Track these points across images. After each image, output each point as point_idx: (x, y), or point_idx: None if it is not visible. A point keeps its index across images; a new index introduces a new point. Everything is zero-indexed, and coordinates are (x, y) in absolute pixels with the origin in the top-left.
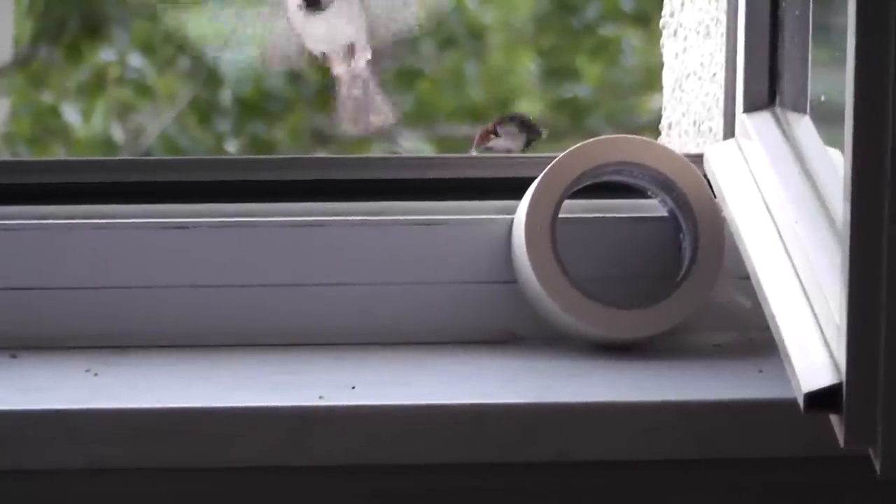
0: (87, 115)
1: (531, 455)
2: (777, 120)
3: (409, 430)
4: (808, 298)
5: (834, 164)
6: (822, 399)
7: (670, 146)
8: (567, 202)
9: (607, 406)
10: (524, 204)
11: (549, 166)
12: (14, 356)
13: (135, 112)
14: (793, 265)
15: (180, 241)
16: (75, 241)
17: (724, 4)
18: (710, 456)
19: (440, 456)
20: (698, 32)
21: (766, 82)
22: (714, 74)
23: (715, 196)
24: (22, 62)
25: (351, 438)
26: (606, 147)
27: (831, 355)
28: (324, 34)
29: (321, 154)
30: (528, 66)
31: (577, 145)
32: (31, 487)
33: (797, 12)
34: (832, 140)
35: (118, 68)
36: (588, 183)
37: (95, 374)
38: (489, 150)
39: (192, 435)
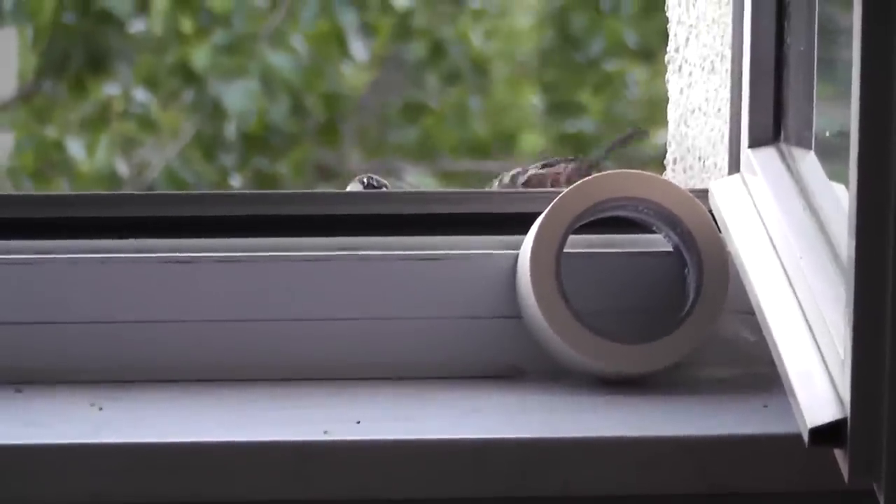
0: (90, 149)
1: (535, 490)
2: (782, 155)
3: (413, 465)
4: (812, 333)
5: (838, 200)
6: (827, 434)
7: (675, 181)
8: (572, 237)
9: (611, 441)
10: (529, 239)
11: (554, 201)
12: (19, 390)
13: (139, 146)
14: (797, 300)
15: (184, 275)
16: (79, 275)
17: (728, 40)
18: (714, 491)
19: (444, 491)
20: (703, 68)
21: (771, 117)
22: (719, 110)
23: (720, 231)
24: (26, 96)
25: (356, 473)
26: (611, 182)
27: (836, 390)
28: None
29: (325, 189)
30: (532, 100)
31: (582, 180)
32: None
33: (802, 48)
34: (837, 175)
35: (122, 102)
36: (593, 218)
37: (100, 409)
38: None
39: (197, 469)
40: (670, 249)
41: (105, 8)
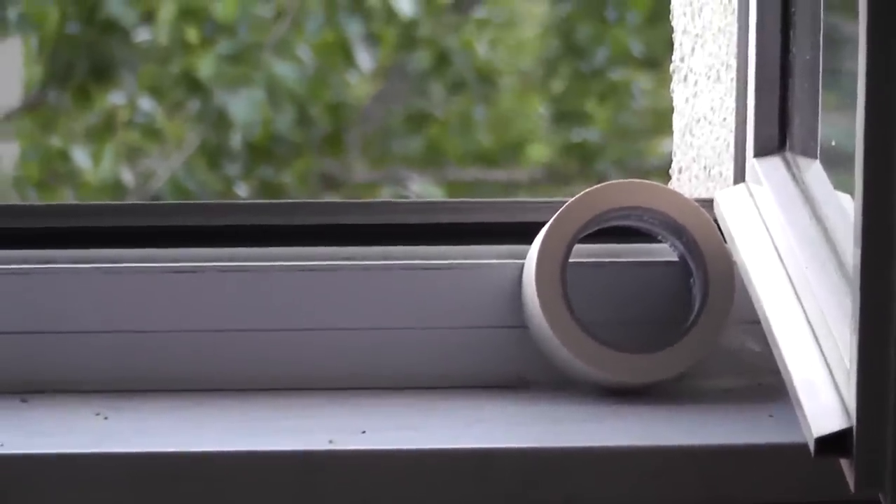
0: (95, 158)
1: (540, 500)
2: (787, 164)
3: (418, 475)
4: (818, 343)
5: (844, 209)
6: (833, 443)
7: (680, 191)
8: (577, 247)
9: (616, 451)
10: (534, 248)
11: (559, 211)
12: (24, 400)
13: (144, 155)
14: (803, 310)
15: (189, 285)
16: (84, 285)
17: (734, 49)
18: (719, 501)
19: (449, 500)
20: (708, 77)
21: (777, 127)
22: (724, 119)
23: (725, 241)
24: (31, 106)
25: (360, 483)
26: (616, 191)
27: (841, 400)
28: None
29: (330, 198)
30: (538, 110)
31: (587, 190)
32: None
33: (807, 57)
34: (842, 184)
35: (127, 112)
36: (598, 227)
37: (105, 418)
38: None
39: (202, 479)
40: (675, 259)
41: (110, 17)
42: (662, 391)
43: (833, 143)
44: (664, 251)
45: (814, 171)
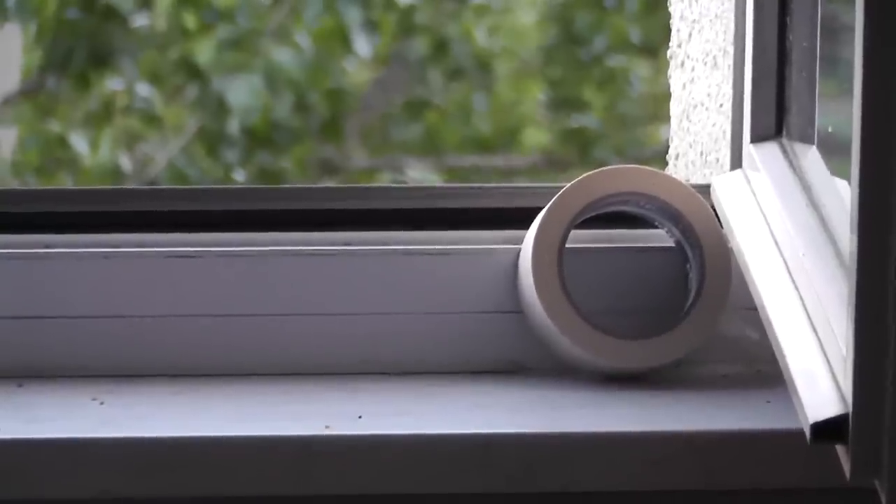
0: (94, 144)
1: (538, 486)
2: (784, 151)
3: (415, 461)
4: (814, 330)
5: (841, 196)
6: (829, 430)
7: (677, 177)
8: (574, 232)
9: (614, 437)
10: (531, 234)
11: (556, 196)
12: (20, 385)
13: (142, 141)
14: (800, 296)
15: (187, 270)
16: (82, 270)
17: (731, 35)
18: (716, 487)
19: (446, 486)
20: (705, 63)
21: (774, 113)
22: (721, 105)
23: (722, 227)
24: (30, 92)
25: (357, 468)
26: (613, 177)
27: (838, 386)
28: None
29: (328, 184)
30: (536, 96)
31: (584, 175)
32: None
33: (805, 44)
34: (839, 171)
35: (126, 97)
36: (595, 213)
37: (101, 403)
38: None
39: (198, 464)
40: (672, 245)
41: (109, 3)
42: (660, 377)
43: (830, 130)
44: (661, 237)
45: (811, 158)
